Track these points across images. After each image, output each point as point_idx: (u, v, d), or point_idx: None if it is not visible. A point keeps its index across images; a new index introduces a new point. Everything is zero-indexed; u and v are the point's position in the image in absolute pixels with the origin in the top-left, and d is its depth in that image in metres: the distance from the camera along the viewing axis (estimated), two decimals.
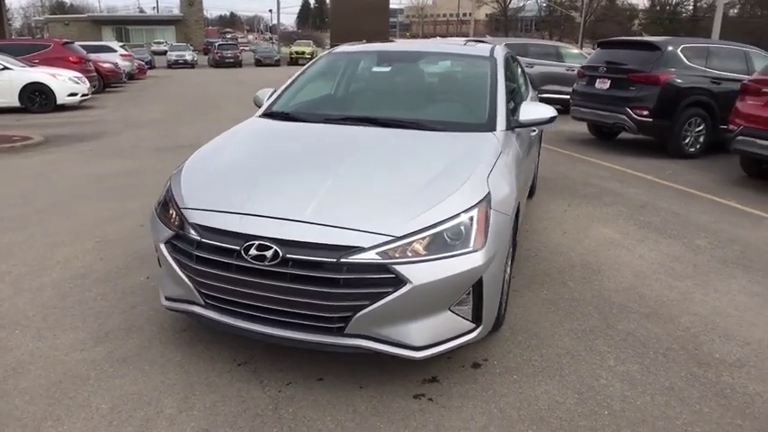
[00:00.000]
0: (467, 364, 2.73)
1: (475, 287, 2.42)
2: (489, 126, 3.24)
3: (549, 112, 3.44)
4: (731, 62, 7.98)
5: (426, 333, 2.36)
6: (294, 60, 38.34)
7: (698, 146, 8.00)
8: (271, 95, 3.92)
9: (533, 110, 3.43)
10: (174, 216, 2.64)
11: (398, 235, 2.28)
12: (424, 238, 2.31)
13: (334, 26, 28.29)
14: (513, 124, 3.34)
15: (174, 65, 31.95)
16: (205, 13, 55.74)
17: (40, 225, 4.63)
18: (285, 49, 44.55)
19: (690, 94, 7.68)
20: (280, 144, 3.20)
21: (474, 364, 2.74)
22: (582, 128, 10.00)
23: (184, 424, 2.28)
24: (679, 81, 7.63)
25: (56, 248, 4.12)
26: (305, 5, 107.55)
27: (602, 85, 8.40)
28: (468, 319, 2.46)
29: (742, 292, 3.66)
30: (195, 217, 2.52)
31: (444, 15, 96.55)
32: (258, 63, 35.64)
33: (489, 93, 3.49)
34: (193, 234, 2.47)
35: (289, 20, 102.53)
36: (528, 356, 2.83)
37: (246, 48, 41.03)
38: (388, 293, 2.25)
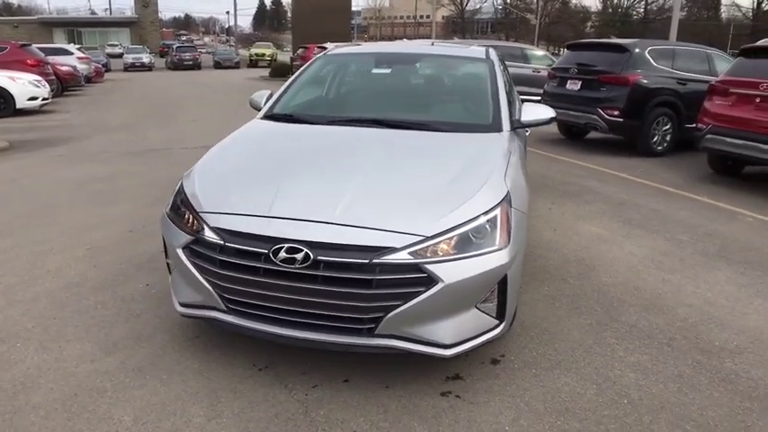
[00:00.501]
0: (486, 361, 2.78)
1: (500, 284, 2.47)
2: (496, 127, 3.30)
3: (548, 112, 3.54)
4: (694, 63, 8.36)
5: (454, 331, 2.39)
6: (254, 63, 37.83)
7: (665, 144, 8.34)
8: (269, 98, 3.88)
9: (534, 110, 3.51)
10: (190, 220, 2.58)
11: (429, 235, 2.31)
12: (451, 238, 2.34)
13: (296, 27, 28.07)
14: (516, 125, 3.41)
15: (130, 68, 31.03)
16: (159, 14, 54.20)
17: (24, 233, 4.44)
18: (243, 52, 43.98)
19: (657, 94, 8.00)
20: (291, 146, 3.18)
21: (493, 361, 2.79)
22: (552, 128, 10.27)
23: None
24: (647, 82, 7.94)
25: (45, 257, 3.95)
26: (261, 7, 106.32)
27: (574, 86, 8.66)
28: (492, 316, 2.50)
29: (729, 283, 3.84)
30: (216, 221, 2.48)
31: (401, 17, 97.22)
32: (217, 65, 35.02)
33: (491, 94, 3.56)
34: (215, 238, 2.43)
35: (245, 22, 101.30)
36: (543, 351, 2.90)
37: (204, 50, 40.23)
38: (419, 293, 2.27)
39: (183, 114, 12.23)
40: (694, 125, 8.17)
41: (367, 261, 2.24)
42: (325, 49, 22.61)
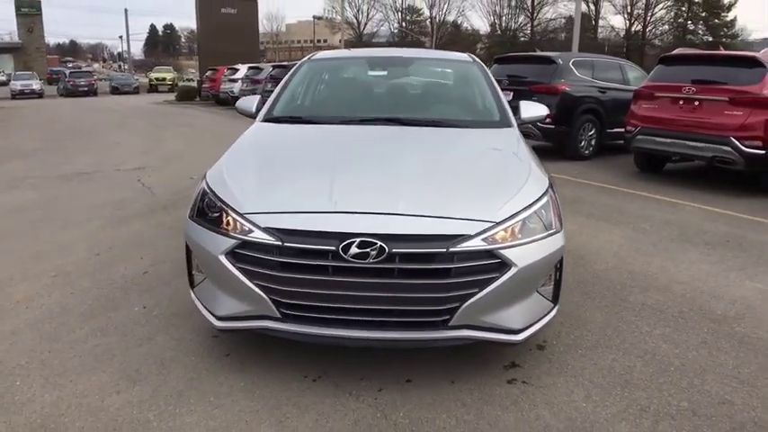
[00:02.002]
0: (533, 348, 2.80)
1: (557, 267, 2.52)
2: (505, 122, 3.39)
3: (543, 110, 3.70)
4: (611, 73, 9.15)
5: (521, 316, 2.40)
6: (154, 87, 36.08)
7: (591, 148, 9.01)
8: (259, 103, 3.70)
9: (531, 108, 3.65)
10: (231, 223, 2.37)
11: (497, 221, 2.30)
12: (516, 224, 2.35)
13: (203, 49, 27.09)
14: (519, 121, 3.53)
15: (18, 95, 28.25)
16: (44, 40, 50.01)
17: None
18: (141, 78, 41.82)
19: (582, 102, 8.64)
20: (321, 143, 3.04)
21: (539, 347, 2.82)
22: None
23: None
24: (573, 91, 8.56)
25: (7, 287, 3.46)
26: (153, 32, 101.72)
27: (506, 96, 9.09)
28: (548, 299, 2.54)
29: (702, 261, 4.19)
30: (267, 221, 2.30)
31: (299, 41, 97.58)
32: (115, 91, 32.92)
33: (491, 92, 3.66)
34: (270, 239, 2.25)
35: (135, 47, 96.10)
36: (579, 333, 2.98)
37: (96, 77, 37.67)
38: (494, 279, 2.25)
39: (103, 138, 11.31)
40: (615, 130, 8.97)
41: (444, 250, 2.19)
42: (236, 70, 21.84)
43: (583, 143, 8.90)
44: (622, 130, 8.09)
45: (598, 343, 2.89)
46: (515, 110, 3.64)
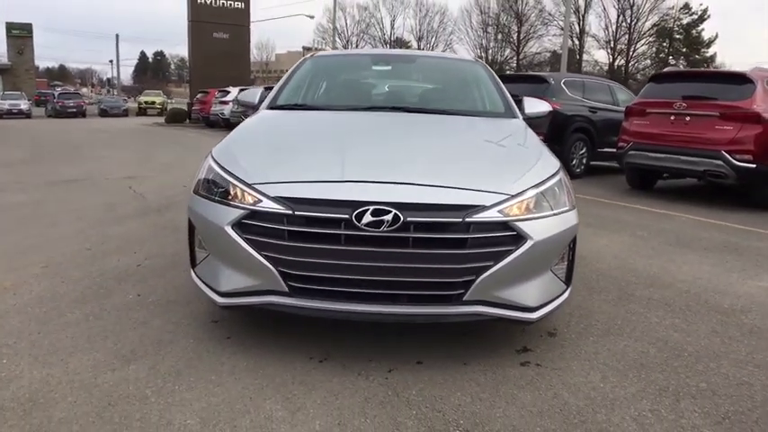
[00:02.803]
0: (544, 334, 2.73)
1: (571, 245, 2.47)
2: (510, 114, 3.39)
3: (545, 106, 3.71)
4: (600, 94, 9.31)
5: (536, 293, 2.33)
6: (143, 111, 35.97)
7: (582, 167, 9.09)
8: (263, 94, 3.65)
9: (535, 104, 3.66)
10: (239, 195, 2.30)
11: (513, 193, 2.26)
12: (531, 198, 2.31)
13: (194, 73, 27.09)
14: (522, 116, 3.53)
15: (6, 114, 27.99)
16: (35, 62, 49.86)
17: None
18: (128, 100, 41.77)
19: (574, 121, 8.76)
20: (331, 123, 3.00)
21: (549, 333, 2.75)
22: None
23: (308, 422, 1.95)
24: (565, 110, 8.68)
25: None
26: (143, 58, 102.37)
27: None
28: (562, 280, 2.48)
29: (702, 263, 4.18)
30: (277, 190, 2.22)
31: (287, 71, 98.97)
32: (103, 114, 32.68)
33: (495, 88, 3.67)
34: (280, 208, 2.18)
35: (125, 72, 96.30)
36: (588, 323, 2.92)
37: (85, 99, 37.55)
38: (510, 252, 2.19)
39: (90, 153, 11.14)
40: (605, 150, 9.09)
41: (460, 220, 2.14)
42: (227, 92, 21.88)
43: (574, 161, 8.98)
44: (613, 149, 8.21)
45: (609, 331, 2.82)
46: (519, 105, 3.64)
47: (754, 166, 6.07)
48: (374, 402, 2.08)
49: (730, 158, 6.15)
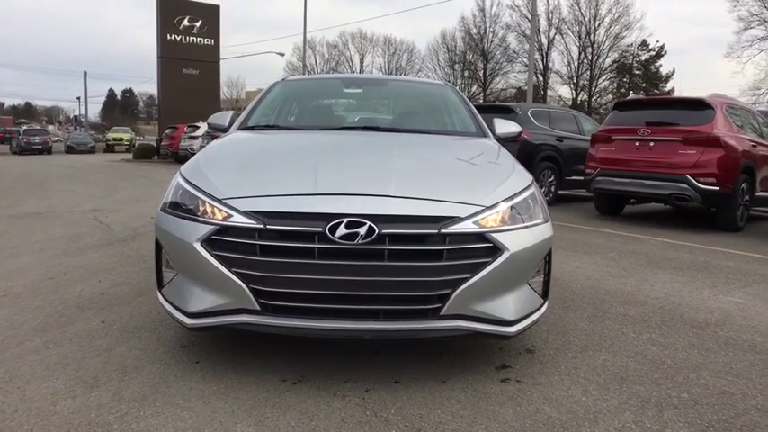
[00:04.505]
0: (522, 351, 2.69)
1: (547, 258, 2.46)
2: (482, 134, 3.43)
3: (516, 127, 3.77)
4: (566, 123, 9.58)
5: (514, 308, 2.30)
6: (111, 147, 35.54)
7: (551, 195, 9.24)
8: (233, 117, 3.62)
9: (506, 125, 3.72)
10: (208, 210, 2.23)
11: (487, 205, 2.25)
12: (505, 211, 2.31)
13: (163, 108, 26.95)
14: (494, 135, 3.57)
15: None
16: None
17: None
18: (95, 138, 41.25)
19: (541, 150, 8.95)
20: (302, 142, 2.97)
21: (528, 350, 2.71)
22: None
23: None
24: (533, 139, 8.87)
25: None
26: (111, 96, 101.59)
27: None
28: (539, 294, 2.46)
29: (673, 282, 4.23)
30: (247, 205, 2.17)
31: None
32: (70, 150, 32.13)
33: (466, 110, 3.72)
34: (251, 223, 2.12)
35: (92, 111, 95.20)
36: (566, 339, 2.89)
37: (51, 136, 36.92)
38: (486, 264, 2.17)
39: (57, 187, 10.85)
40: (572, 178, 9.29)
41: (436, 231, 2.11)
42: (196, 128, 21.80)
43: (543, 189, 9.12)
44: (580, 177, 8.39)
45: (587, 346, 2.80)
46: (489, 127, 3.69)
47: (718, 188, 6.26)
48: (351, 423, 1.99)
49: (694, 182, 6.34)
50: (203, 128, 20.97)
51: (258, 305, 2.14)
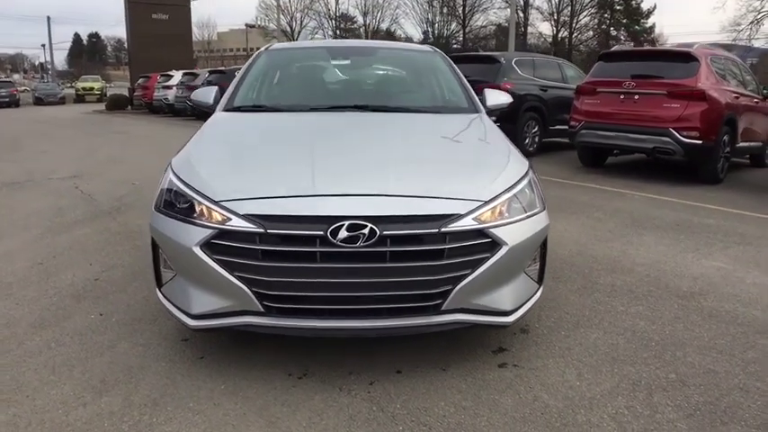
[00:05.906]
0: (517, 332, 2.78)
1: (542, 247, 2.51)
2: (473, 109, 3.38)
3: (507, 98, 3.73)
4: (550, 72, 9.46)
5: (511, 297, 2.36)
6: (81, 97, 34.23)
7: (535, 145, 9.26)
8: (217, 94, 3.50)
9: (496, 96, 3.67)
10: (205, 213, 2.21)
11: (486, 199, 2.26)
12: (504, 203, 2.32)
13: (134, 56, 25.87)
14: (486, 108, 3.53)
15: None
16: None
17: None
18: (64, 87, 39.60)
19: (526, 100, 8.88)
20: (295, 128, 2.92)
21: (522, 330, 2.80)
22: None
23: None
24: (517, 89, 8.77)
25: None
26: (77, 41, 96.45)
27: None
28: (534, 280, 2.52)
29: (658, 244, 4.35)
30: (246, 207, 2.15)
31: (231, 50, 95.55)
32: (38, 102, 30.81)
33: (456, 80, 3.65)
34: (251, 227, 2.10)
35: (58, 57, 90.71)
36: (558, 315, 2.99)
37: (17, 87, 35.15)
38: (486, 259, 2.20)
39: (31, 147, 10.49)
40: (556, 127, 9.27)
41: (436, 230, 2.12)
42: (170, 77, 21.08)
43: (527, 140, 9.13)
44: (564, 126, 8.38)
45: (579, 323, 2.90)
46: (480, 97, 3.64)
47: (701, 142, 6.33)
48: (359, 420, 2.07)
49: (678, 135, 6.40)
50: (177, 77, 20.27)
51: (262, 307, 2.16)
